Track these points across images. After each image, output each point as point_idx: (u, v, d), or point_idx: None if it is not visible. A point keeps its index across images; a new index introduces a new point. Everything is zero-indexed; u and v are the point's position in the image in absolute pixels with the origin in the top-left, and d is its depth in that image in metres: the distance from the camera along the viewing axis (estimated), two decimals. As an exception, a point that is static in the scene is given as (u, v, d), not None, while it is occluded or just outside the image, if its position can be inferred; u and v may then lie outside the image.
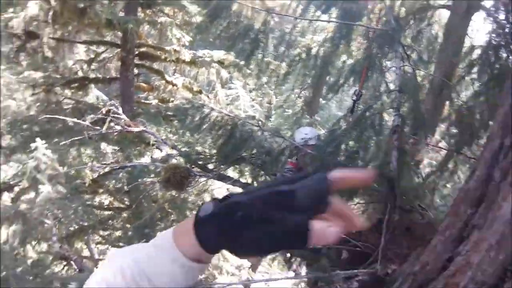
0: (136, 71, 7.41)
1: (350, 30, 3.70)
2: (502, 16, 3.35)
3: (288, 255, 3.16)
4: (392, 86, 3.46)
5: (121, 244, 8.00)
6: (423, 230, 2.63)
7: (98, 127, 5.28)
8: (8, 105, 9.84)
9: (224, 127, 3.28)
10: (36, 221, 5.51)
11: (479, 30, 4.65)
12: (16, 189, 7.82)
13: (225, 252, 0.50)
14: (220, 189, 7.71)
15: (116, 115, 4.99)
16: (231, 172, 3.82)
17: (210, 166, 3.56)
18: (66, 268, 6.20)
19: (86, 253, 9.34)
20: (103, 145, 7.35)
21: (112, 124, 5.17)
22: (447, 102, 4.02)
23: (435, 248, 1.69)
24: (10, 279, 3.50)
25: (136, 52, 7.12)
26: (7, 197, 7.61)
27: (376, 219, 2.72)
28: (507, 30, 3.08)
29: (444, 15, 5.32)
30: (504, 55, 3.04)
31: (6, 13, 6.45)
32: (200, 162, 3.53)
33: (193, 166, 3.48)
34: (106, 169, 7.95)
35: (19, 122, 7.50)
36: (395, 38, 3.23)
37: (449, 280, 1.48)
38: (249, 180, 3.42)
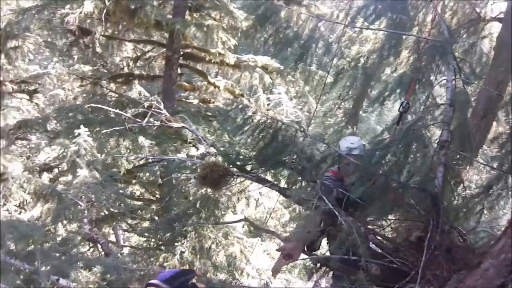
0: (179, 70, 7.54)
1: (400, 40, 3.56)
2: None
3: (316, 265, 3.01)
4: (438, 100, 3.28)
5: (146, 234, 8.12)
6: (463, 253, 2.44)
7: (138, 120, 5.38)
8: (57, 94, 10.34)
9: (267, 130, 3.21)
10: (70, 201, 5.66)
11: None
12: (56, 171, 8.14)
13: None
14: (256, 191, 7.66)
15: (157, 110, 5.06)
16: (269, 176, 3.74)
17: (248, 168, 3.49)
18: (92, 250, 6.32)
19: (112, 238, 9.57)
20: (141, 139, 7.50)
21: (151, 119, 5.26)
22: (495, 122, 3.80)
23: (486, 272, 1.53)
24: (36, 254, 3.56)
25: (181, 53, 7.25)
26: (46, 177, 7.92)
27: (415, 237, 2.55)
28: None
29: (495, 29, 5.04)
30: None
31: (63, 9, 6.75)
32: (238, 163, 3.47)
33: (231, 166, 3.43)
34: (142, 161, 8.14)
35: (65, 109, 7.79)
36: (448, 49, 3.06)
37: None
38: (286, 185, 3.32)
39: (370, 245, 2.59)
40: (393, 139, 2.77)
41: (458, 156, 2.80)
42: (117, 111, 5.29)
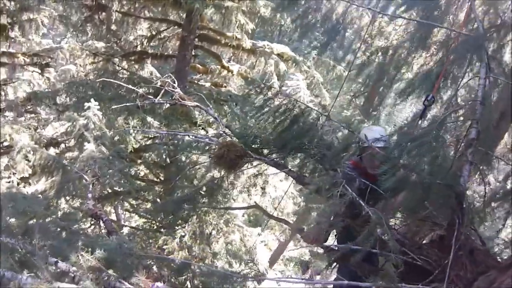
0: (193, 52, 7.39)
1: (429, 33, 3.41)
2: None
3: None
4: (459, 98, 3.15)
5: (148, 216, 8.04)
6: (483, 257, 2.33)
7: (151, 96, 5.24)
8: (69, 69, 10.21)
9: (288, 113, 3.06)
10: (75, 175, 5.54)
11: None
12: (62, 146, 8.04)
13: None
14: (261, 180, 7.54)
15: (171, 87, 4.92)
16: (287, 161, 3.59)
17: (265, 152, 3.35)
18: (93, 227, 6.23)
19: (113, 217, 9.50)
20: (150, 119, 7.38)
21: (162, 100, 5.11)
22: None
23: None
24: (35, 230, 3.33)
25: (197, 34, 7.09)
26: (52, 152, 7.82)
27: (437, 236, 2.43)
28: None
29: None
30: None
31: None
32: (254, 146, 3.31)
33: (246, 148, 3.29)
34: (149, 141, 8.03)
35: (75, 84, 7.67)
36: (483, 45, 2.91)
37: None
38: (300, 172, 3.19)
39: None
40: (423, 132, 2.62)
41: (484, 155, 2.67)
42: (130, 86, 5.14)
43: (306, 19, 3.42)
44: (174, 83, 4.92)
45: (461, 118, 2.97)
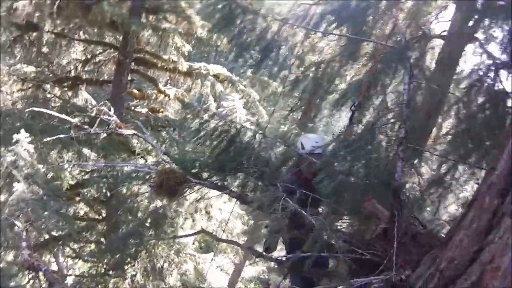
0: (130, 76, 7.39)
1: (359, 46, 3.84)
2: (492, 47, 3.61)
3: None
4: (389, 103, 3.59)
5: (93, 259, 7.65)
6: (427, 239, 2.66)
7: (86, 126, 5.16)
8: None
9: (224, 134, 3.25)
10: (5, 222, 5.19)
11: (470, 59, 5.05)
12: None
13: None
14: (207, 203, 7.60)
15: (107, 115, 4.90)
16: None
17: (205, 176, 3.48)
18: (32, 282, 5.81)
19: (53, 267, 8.86)
20: (86, 150, 7.17)
21: (98, 129, 5.06)
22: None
23: (461, 242, 1.74)
24: None
25: (133, 58, 7.13)
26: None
27: (381, 229, 2.73)
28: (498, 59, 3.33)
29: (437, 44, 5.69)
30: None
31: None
32: (194, 171, 3.45)
33: (186, 174, 3.40)
34: (87, 175, 7.74)
35: (1, 114, 7.21)
36: (406, 55, 3.37)
37: (487, 267, 1.54)
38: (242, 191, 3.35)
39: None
40: (356, 137, 2.95)
41: (413, 151, 3.06)
42: (63, 116, 5.00)
43: (241, 38, 3.68)
44: (110, 110, 4.93)
45: (392, 121, 3.38)
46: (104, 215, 7.97)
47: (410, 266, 2.22)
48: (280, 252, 3.59)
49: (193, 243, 9.99)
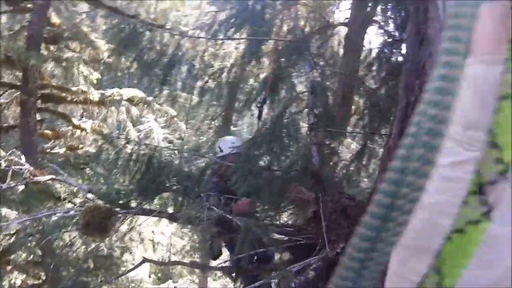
0: (38, 116, 6.97)
1: (260, 47, 4.04)
2: (390, 27, 4.03)
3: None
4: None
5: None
6: (356, 210, 2.90)
7: (-3, 184, 4.81)
8: None
9: (141, 158, 3.28)
10: None
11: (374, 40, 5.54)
12: None
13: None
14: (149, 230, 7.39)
15: (18, 165, 4.63)
16: (155, 205, 3.75)
17: (133, 204, 3.46)
18: None
19: None
20: (5, 210, 6.64)
21: (12, 182, 4.77)
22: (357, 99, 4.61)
23: None
24: None
25: (39, 95, 6.74)
26: None
27: (310, 212, 2.91)
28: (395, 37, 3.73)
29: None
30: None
31: None
32: (120, 202, 3.41)
33: (113, 206, 3.36)
34: (13, 239, 7.14)
35: None
36: (304, 47, 3.63)
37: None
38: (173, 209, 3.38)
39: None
40: (264, 132, 3.13)
41: (328, 134, 3.31)
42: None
43: (143, 57, 3.72)
44: (21, 159, 4.66)
45: (303, 110, 3.61)
46: (43, 277, 7.43)
47: (343, 240, 2.42)
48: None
49: (150, 276, 9.67)
